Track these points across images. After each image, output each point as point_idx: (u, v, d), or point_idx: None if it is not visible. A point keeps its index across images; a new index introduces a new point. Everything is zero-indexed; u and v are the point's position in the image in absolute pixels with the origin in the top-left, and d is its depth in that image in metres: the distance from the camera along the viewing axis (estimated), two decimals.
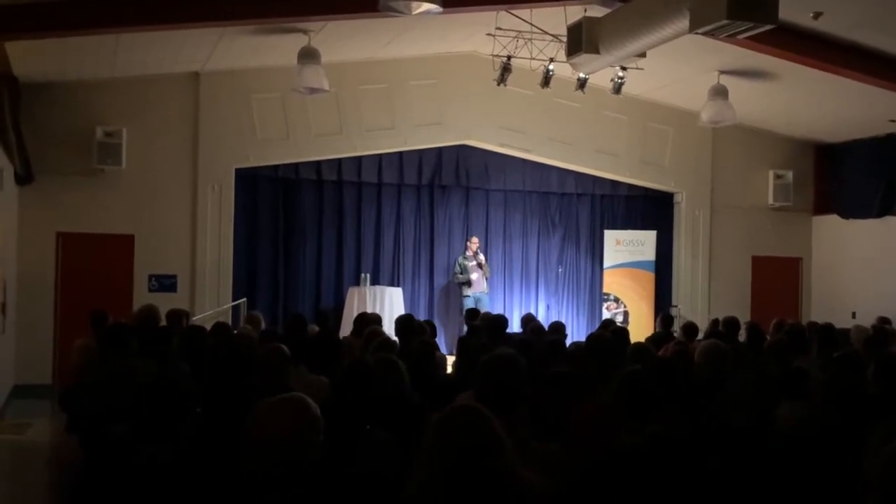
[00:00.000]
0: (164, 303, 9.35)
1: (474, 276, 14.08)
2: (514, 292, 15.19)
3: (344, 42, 11.93)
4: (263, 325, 8.87)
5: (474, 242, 14.32)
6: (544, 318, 13.83)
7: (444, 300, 14.76)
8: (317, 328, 8.20)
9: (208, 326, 8.36)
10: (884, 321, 10.20)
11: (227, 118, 13.05)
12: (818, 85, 12.32)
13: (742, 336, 8.79)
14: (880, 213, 14.62)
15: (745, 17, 7.82)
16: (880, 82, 11.62)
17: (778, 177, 15.66)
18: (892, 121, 13.91)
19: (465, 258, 14.25)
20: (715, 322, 9.65)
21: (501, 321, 8.38)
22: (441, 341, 12.32)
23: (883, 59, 11.23)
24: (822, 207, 16.03)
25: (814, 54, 11.10)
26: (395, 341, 6.69)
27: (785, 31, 10.17)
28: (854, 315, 13.61)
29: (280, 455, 2.91)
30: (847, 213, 15.36)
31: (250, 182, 13.65)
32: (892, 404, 4.44)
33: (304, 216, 14.03)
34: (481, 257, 14.21)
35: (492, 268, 14.58)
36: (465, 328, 9.99)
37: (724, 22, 7.82)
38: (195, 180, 13.01)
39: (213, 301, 12.86)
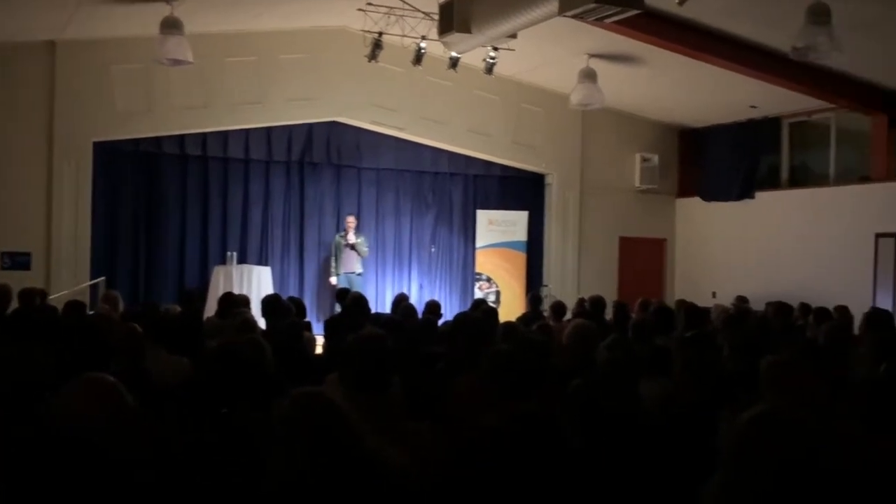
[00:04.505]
0: (18, 281, 9.14)
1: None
2: (387, 272, 15.12)
3: (210, 13, 11.53)
4: (122, 305, 8.54)
5: (349, 222, 14.12)
6: (417, 297, 13.83)
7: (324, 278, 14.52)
8: (178, 308, 7.95)
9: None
10: (742, 300, 10.58)
11: (85, 89, 12.47)
12: (683, 70, 12.65)
13: (608, 315, 8.96)
14: (740, 196, 15.18)
15: (612, 1, 7.92)
16: (742, 69, 12.02)
17: (645, 160, 16.07)
18: (753, 106, 14.44)
19: (340, 237, 14.09)
20: (581, 301, 9.80)
21: (360, 300, 8.26)
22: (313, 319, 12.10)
23: (745, 46, 11.61)
24: (685, 190, 16.56)
25: (679, 40, 11.38)
26: (255, 321, 6.52)
27: (652, 16, 10.40)
28: (714, 294, 14.13)
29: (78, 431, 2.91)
30: (709, 196, 15.91)
31: (110, 156, 13.06)
32: (746, 381, 4.56)
33: (167, 192, 13.56)
34: (351, 238, 14.00)
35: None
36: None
37: (592, 5, 7.91)
38: (50, 153, 12.40)
39: (70, 280, 12.29)
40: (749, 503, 2.51)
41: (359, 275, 14.06)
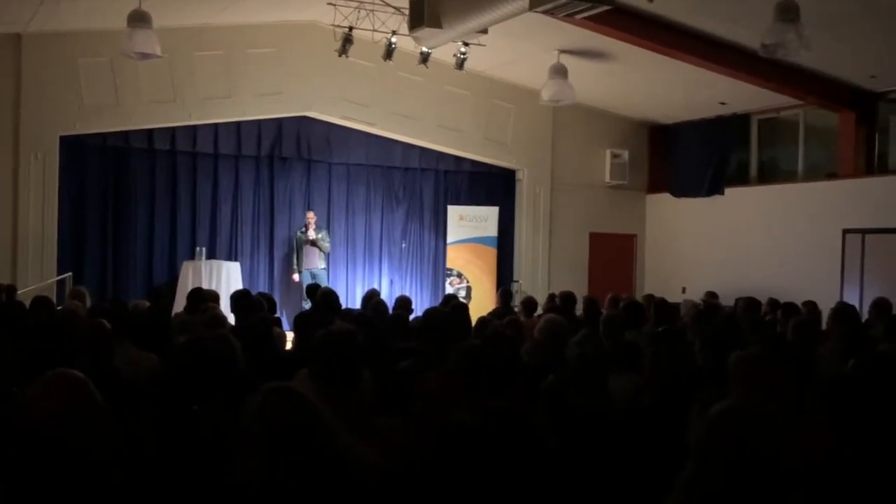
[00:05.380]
0: None
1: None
2: (358, 267, 15.06)
3: (177, 6, 11.41)
4: (89, 301, 8.44)
5: (310, 217, 14.04)
6: (388, 293, 13.79)
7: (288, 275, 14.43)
8: (147, 303, 7.87)
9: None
10: (712, 296, 10.63)
11: (51, 83, 12.33)
12: (653, 67, 12.70)
13: (579, 310, 8.98)
14: (709, 192, 15.27)
15: None
16: (711, 66, 12.08)
17: (615, 156, 16.12)
18: (722, 103, 14.52)
19: (301, 233, 14.00)
20: (552, 297, 9.81)
21: (330, 295, 8.22)
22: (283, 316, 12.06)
23: (715, 43, 11.67)
24: (655, 186, 16.63)
25: (649, 37, 11.42)
26: (224, 316, 6.47)
27: (622, 13, 10.44)
28: (684, 290, 14.20)
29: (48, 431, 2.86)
30: (678, 192, 15.98)
31: (77, 150, 12.93)
32: (715, 376, 4.59)
33: (135, 187, 13.42)
34: (311, 234, 13.90)
35: (334, 243, 14.35)
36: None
37: (563, 1, 7.94)
38: (16, 148, 12.27)
39: (36, 275, 12.17)
40: (718, 497, 2.52)
41: (322, 269, 13.99)
